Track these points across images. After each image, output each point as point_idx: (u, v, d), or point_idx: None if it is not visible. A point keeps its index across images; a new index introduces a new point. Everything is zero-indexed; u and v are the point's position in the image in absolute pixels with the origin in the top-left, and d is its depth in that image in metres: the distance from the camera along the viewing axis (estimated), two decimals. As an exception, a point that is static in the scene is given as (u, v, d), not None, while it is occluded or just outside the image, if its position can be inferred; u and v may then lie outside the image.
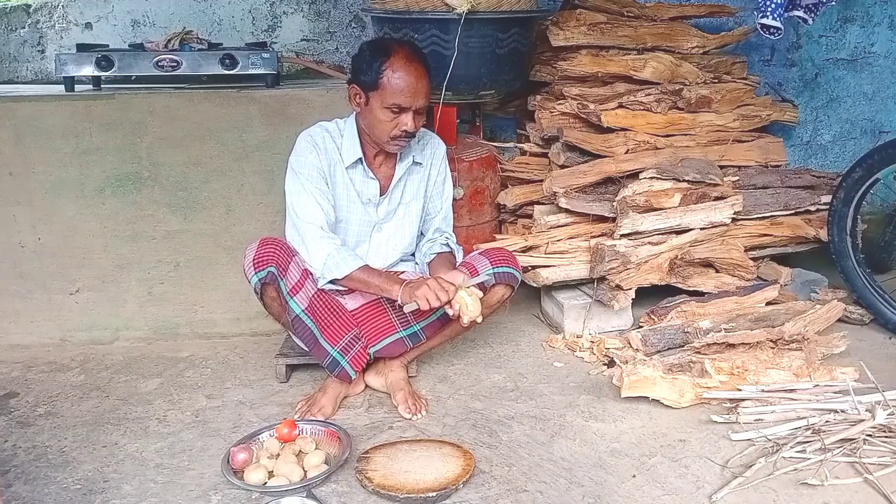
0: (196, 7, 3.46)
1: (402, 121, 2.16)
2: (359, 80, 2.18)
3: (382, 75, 2.12)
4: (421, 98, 2.16)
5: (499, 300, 2.34)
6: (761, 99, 3.34)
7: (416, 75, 2.14)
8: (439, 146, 2.45)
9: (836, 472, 1.90)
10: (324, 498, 1.85)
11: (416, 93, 2.14)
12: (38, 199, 2.70)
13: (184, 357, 2.66)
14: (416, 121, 2.18)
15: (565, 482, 1.92)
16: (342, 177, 2.28)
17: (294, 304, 2.22)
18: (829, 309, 2.64)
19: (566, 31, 3.10)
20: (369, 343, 2.30)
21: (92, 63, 2.79)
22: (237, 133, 2.74)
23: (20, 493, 1.90)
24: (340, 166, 2.27)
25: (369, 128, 2.22)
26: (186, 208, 2.76)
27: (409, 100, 2.14)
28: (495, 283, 2.28)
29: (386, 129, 2.18)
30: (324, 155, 2.25)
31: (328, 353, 2.24)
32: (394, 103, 2.13)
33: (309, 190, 2.21)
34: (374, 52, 2.16)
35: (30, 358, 2.66)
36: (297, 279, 2.22)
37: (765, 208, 3.00)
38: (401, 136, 2.19)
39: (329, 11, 3.52)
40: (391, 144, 2.22)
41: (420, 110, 2.19)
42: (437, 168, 2.43)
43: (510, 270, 2.30)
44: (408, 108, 2.15)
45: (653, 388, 2.23)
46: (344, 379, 2.27)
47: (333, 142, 2.27)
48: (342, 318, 2.27)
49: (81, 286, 2.76)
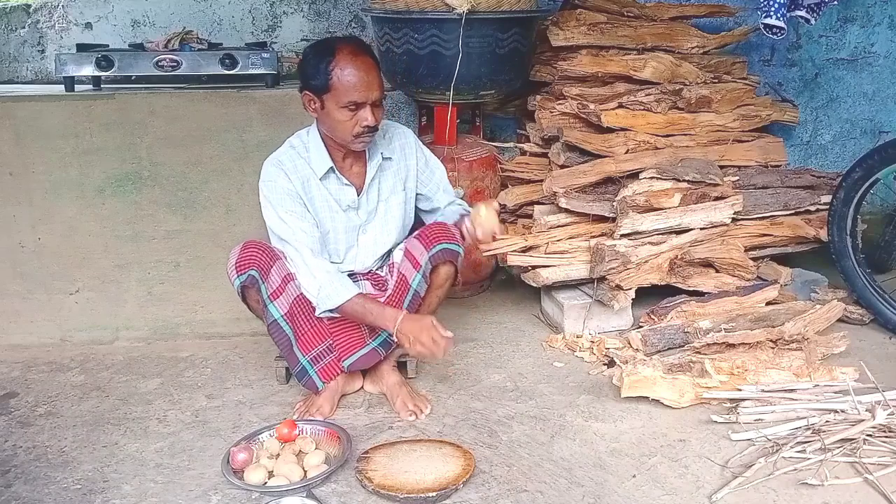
0: (196, 7, 3.46)
1: (361, 116, 2.11)
2: (309, 86, 2.13)
3: (331, 75, 2.08)
4: (375, 90, 2.11)
5: (446, 278, 2.30)
6: (761, 99, 3.34)
7: (365, 68, 2.09)
8: (406, 135, 2.38)
9: (836, 472, 1.90)
10: (324, 498, 1.85)
11: (368, 85, 2.09)
12: (38, 199, 2.70)
13: (184, 357, 2.66)
14: (375, 114, 2.12)
15: (565, 482, 1.92)
16: (318, 189, 2.23)
17: (273, 308, 2.22)
18: (829, 309, 2.64)
19: (566, 31, 3.10)
20: (342, 356, 2.28)
21: (92, 63, 2.79)
22: (237, 133, 2.74)
23: (20, 493, 1.90)
24: (314, 179, 2.22)
25: (331, 131, 2.18)
26: (186, 208, 2.76)
27: (363, 94, 2.09)
28: (434, 265, 2.25)
29: (347, 129, 2.13)
30: (294, 174, 2.20)
31: (299, 360, 2.25)
32: (349, 101, 2.09)
33: (285, 218, 2.17)
34: (318, 54, 2.12)
35: (30, 358, 2.66)
36: (278, 284, 2.22)
37: (765, 208, 3.00)
38: (363, 132, 2.13)
39: (329, 11, 3.52)
40: (356, 143, 2.17)
41: (377, 102, 2.13)
42: (413, 156, 2.37)
43: (446, 247, 2.23)
44: (364, 103, 2.10)
45: (653, 388, 2.23)
46: (311, 388, 2.27)
47: (301, 157, 2.22)
48: (317, 328, 2.27)
49: (81, 286, 2.76)
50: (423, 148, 2.43)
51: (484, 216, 2.09)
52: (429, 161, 2.43)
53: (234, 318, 2.80)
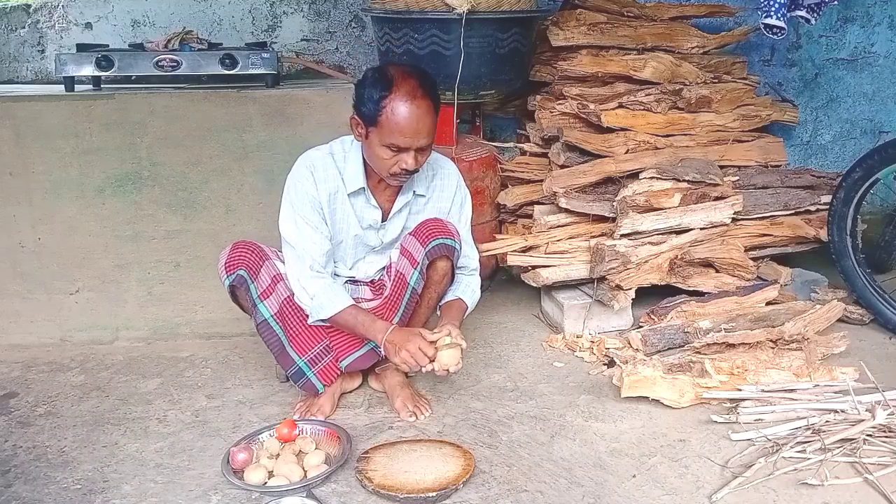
0: (196, 7, 3.46)
1: (401, 159, 2.03)
2: (359, 112, 2.05)
3: (382, 112, 1.98)
4: (422, 138, 2.02)
5: (443, 274, 2.26)
6: (761, 99, 3.34)
7: (418, 114, 1.99)
8: (451, 175, 2.30)
9: (836, 472, 1.90)
10: (324, 498, 1.85)
11: (416, 133, 2.00)
12: (38, 199, 2.70)
13: (184, 357, 2.66)
14: (417, 159, 2.04)
15: (565, 482, 1.92)
16: (343, 203, 2.18)
17: (263, 308, 2.21)
18: (829, 309, 2.64)
19: (566, 31, 3.10)
20: (340, 356, 2.27)
21: (92, 63, 2.78)
22: (237, 133, 2.74)
23: (20, 493, 1.90)
24: (342, 192, 2.17)
25: (370, 160, 2.12)
26: (186, 208, 2.76)
27: (408, 140, 2.00)
28: (431, 259, 2.21)
29: (385, 166, 2.06)
30: (323, 185, 2.14)
31: (294, 362, 2.24)
32: (392, 143, 2.01)
33: (299, 223, 2.14)
34: (375, 83, 2.01)
35: (30, 358, 2.66)
36: (267, 283, 2.21)
37: (765, 208, 3.00)
38: (401, 173, 2.07)
39: (329, 11, 3.52)
40: (391, 180, 2.11)
41: (423, 148, 2.05)
42: (450, 199, 2.29)
43: (442, 242, 2.19)
44: (408, 149, 2.02)
45: (653, 388, 2.23)
46: (309, 391, 2.26)
47: (336, 167, 2.16)
48: (312, 329, 2.25)
49: (81, 286, 2.76)
50: (464, 189, 2.34)
51: (445, 356, 2.06)
52: (463, 205, 2.34)
53: (234, 318, 2.78)
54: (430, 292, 2.30)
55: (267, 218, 2.73)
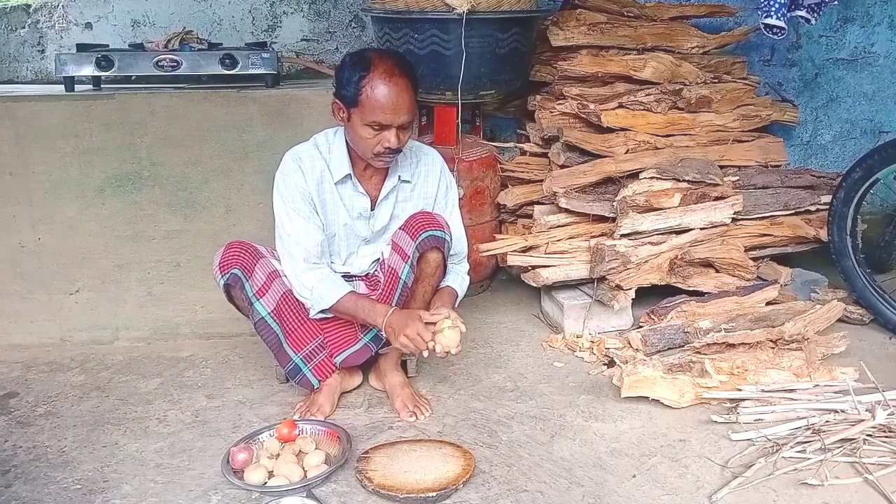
0: (196, 7, 3.46)
1: (384, 137, 2.07)
2: (340, 95, 2.10)
3: (361, 91, 2.03)
4: (403, 114, 2.06)
5: (435, 266, 2.26)
6: (761, 99, 3.34)
7: (396, 91, 2.04)
8: (434, 162, 2.34)
9: (836, 472, 1.90)
10: (324, 498, 1.85)
11: (396, 109, 2.05)
12: (38, 199, 2.70)
13: (184, 357, 2.66)
14: (399, 137, 2.08)
15: (565, 482, 1.92)
16: (331, 192, 2.22)
17: (260, 306, 2.22)
18: (829, 309, 2.64)
19: (566, 31, 3.10)
20: (334, 352, 2.28)
21: (92, 63, 2.79)
22: (237, 133, 2.74)
23: (20, 493, 1.90)
24: (329, 182, 2.21)
25: (353, 143, 2.16)
26: (186, 208, 2.76)
27: (389, 117, 2.05)
28: (422, 252, 2.21)
29: (369, 146, 2.09)
30: (310, 174, 2.18)
31: (291, 359, 2.25)
32: (374, 120, 2.05)
33: (291, 215, 2.17)
34: (354, 65, 2.07)
35: (30, 358, 2.66)
36: (263, 281, 2.22)
37: (765, 208, 3.00)
38: (384, 152, 2.10)
39: (329, 11, 3.52)
40: (376, 161, 2.14)
41: (404, 125, 2.09)
42: (435, 185, 2.32)
43: (431, 233, 2.19)
44: (389, 125, 2.06)
45: (653, 388, 2.23)
46: (305, 387, 2.27)
47: (322, 157, 2.20)
48: (307, 325, 2.26)
49: (81, 286, 2.76)
50: (448, 174, 2.37)
51: (446, 337, 2.06)
52: (448, 194, 2.37)
53: (233, 318, 2.78)
54: (424, 285, 2.28)
55: (267, 218, 2.72)
